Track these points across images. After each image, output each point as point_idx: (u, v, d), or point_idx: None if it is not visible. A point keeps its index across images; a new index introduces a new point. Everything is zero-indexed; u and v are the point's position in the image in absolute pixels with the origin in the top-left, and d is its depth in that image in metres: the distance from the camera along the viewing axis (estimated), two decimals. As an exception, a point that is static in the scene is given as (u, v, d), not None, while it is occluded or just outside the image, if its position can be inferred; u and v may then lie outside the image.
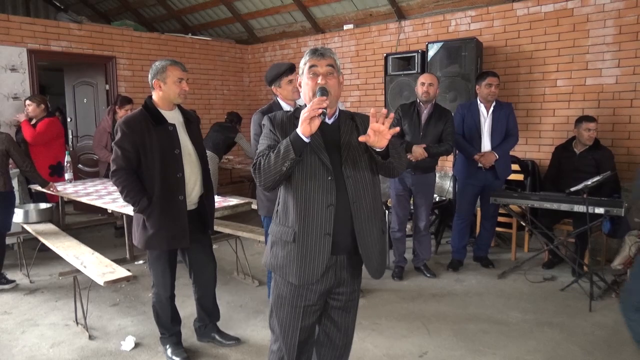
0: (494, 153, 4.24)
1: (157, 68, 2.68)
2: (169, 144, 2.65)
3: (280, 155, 1.73)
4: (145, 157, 2.62)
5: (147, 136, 2.61)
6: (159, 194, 2.64)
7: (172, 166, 2.66)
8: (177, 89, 2.68)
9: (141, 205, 2.63)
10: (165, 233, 2.67)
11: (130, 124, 2.62)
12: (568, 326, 3.27)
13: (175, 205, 2.67)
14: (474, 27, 5.44)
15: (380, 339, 3.14)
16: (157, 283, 2.83)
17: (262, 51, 7.80)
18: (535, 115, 5.12)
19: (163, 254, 2.77)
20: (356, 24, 6.59)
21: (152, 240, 2.68)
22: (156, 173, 2.63)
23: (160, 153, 2.62)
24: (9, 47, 5.61)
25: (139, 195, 2.63)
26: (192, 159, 2.76)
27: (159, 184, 2.63)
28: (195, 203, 2.83)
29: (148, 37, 6.92)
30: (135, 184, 2.63)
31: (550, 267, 4.40)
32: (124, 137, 2.60)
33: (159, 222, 2.65)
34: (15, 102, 5.65)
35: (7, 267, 4.60)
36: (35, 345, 3.12)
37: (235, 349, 3.05)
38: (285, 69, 3.15)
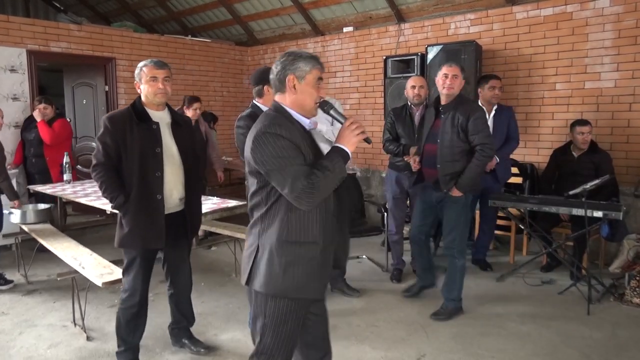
0: (494, 157, 4.24)
1: (137, 69, 2.69)
2: (150, 142, 2.62)
3: (337, 174, 1.74)
4: (126, 153, 2.60)
5: (128, 133, 2.59)
6: (136, 192, 2.61)
7: (152, 164, 2.62)
8: (150, 88, 2.64)
9: (117, 202, 2.62)
10: (140, 232, 2.62)
11: (113, 120, 2.61)
12: (566, 329, 3.27)
13: (152, 205, 2.63)
14: (473, 30, 5.46)
15: (379, 342, 3.13)
16: (128, 287, 2.72)
17: (261, 53, 7.81)
18: (534, 119, 5.13)
19: (138, 257, 2.68)
20: (356, 26, 6.59)
21: (126, 238, 2.64)
22: (135, 170, 2.60)
23: (141, 150, 2.59)
24: (8, 47, 5.60)
25: (116, 191, 2.61)
26: (174, 160, 2.71)
27: (137, 181, 2.61)
28: (178, 205, 2.76)
29: (148, 39, 6.93)
30: (113, 179, 2.62)
31: (548, 270, 4.40)
32: (105, 132, 2.59)
33: (134, 220, 2.62)
34: (15, 102, 5.64)
35: (5, 267, 4.60)
36: (32, 346, 3.11)
37: (233, 352, 3.04)
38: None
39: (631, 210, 4.36)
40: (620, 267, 4.13)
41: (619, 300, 3.71)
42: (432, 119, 3.45)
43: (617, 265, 4.19)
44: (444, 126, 3.32)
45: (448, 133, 3.31)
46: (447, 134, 3.31)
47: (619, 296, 3.75)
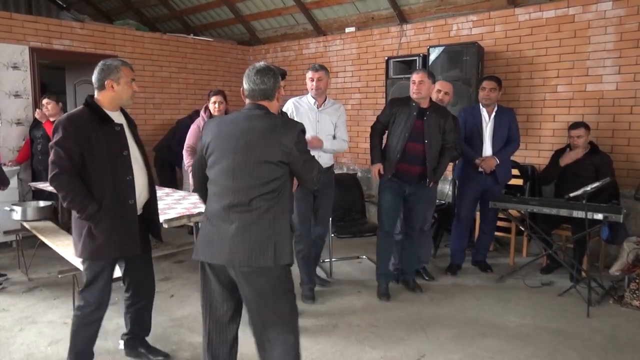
0: (494, 158, 4.25)
1: (110, 67, 2.51)
2: (117, 145, 2.51)
3: None
4: (92, 158, 2.43)
5: (93, 136, 2.42)
6: (109, 198, 2.46)
7: (122, 168, 2.51)
8: (129, 90, 2.57)
9: (89, 211, 2.42)
10: (117, 240, 2.50)
11: (75, 122, 2.42)
12: (566, 331, 3.28)
13: (126, 210, 2.53)
14: (475, 31, 5.46)
15: (378, 342, 3.14)
16: (93, 301, 2.56)
17: (263, 53, 7.82)
18: (535, 121, 5.14)
19: (107, 267, 2.56)
20: (358, 27, 6.60)
21: (101, 249, 2.47)
22: (106, 176, 2.46)
23: (109, 154, 2.47)
24: (11, 44, 5.61)
25: (87, 200, 2.41)
26: (138, 162, 2.62)
27: (110, 187, 2.47)
28: (141, 208, 2.68)
29: (150, 37, 6.93)
30: (81, 187, 2.42)
31: (548, 272, 4.41)
32: (67, 136, 2.38)
33: (109, 229, 2.47)
34: (18, 99, 5.65)
35: (5, 265, 4.61)
36: (33, 343, 3.12)
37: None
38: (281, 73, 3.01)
39: (631, 212, 4.37)
40: (620, 269, 4.13)
41: (618, 302, 3.72)
42: (412, 119, 3.68)
43: (617, 268, 4.19)
44: (429, 127, 3.67)
45: (434, 134, 3.70)
46: (434, 135, 3.70)
47: (618, 298, 3.76)
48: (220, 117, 2.34)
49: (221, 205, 2.13)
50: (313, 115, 3.76)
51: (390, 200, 3.83)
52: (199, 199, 2.42)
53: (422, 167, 3.72)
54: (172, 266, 4.68)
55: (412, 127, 3.67)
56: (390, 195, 3.83)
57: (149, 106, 6.94)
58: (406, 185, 3.80)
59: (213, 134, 2.19)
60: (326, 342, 3.14)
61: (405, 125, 3.68)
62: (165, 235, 5.29)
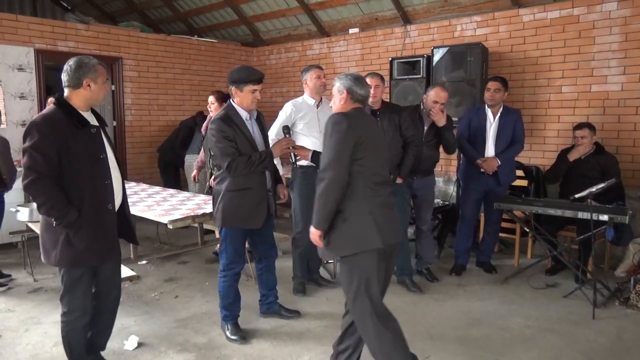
0: (496, 159, 4.24)
1: (88, 65, 2.39)
2: (94, 147, 2.41)
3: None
4: (70, 162, 2.32)
5: (70, 139, 2.31)
6: (88, 204, 2.37)
7: (100, 172, 2.42)
8: (105, 90, 2.50)
9: (69, 218, 2.32)
10: (97, 247, 2.42)
11: (51, 124, 2.30)
12: (571, 333, 3.26)
13: (105, 215, 2.45)
14: (479, 32, 5.45)
15: (383, 343, 3.13)
16: (76, 307, 2.49)
17: (267, 54, 7.83)
18: (540, 122, 5.12)
19: (86, 273, 2.48)
20: (362, 27, 6.60)
21: (81, 256, 2.39)
22: (85, 181, 2.36)
23: (88, 158, 2.37)
24: (16, 46, 5.64)
25: (66, 207, 2.31)
26: (113, 164, 2.53)
27: (89, 192, 2.37)
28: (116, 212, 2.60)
29: (154, 39, 6.96)
30: (60, 194, 2.31)
31: (553, 273, 4.39)
32: (44, 140, 2.26)
33: (89, 236, 2.38)
34: (23, 101, 5.68)
35: (11, 265, 4.63)
36: (38, 344, 3.13)
37: (238, 351, 3.05)
38: (257, 78, 3.01)
39: (637, 214, 4.34)
40: (625, 271, 4.12)
41: (624, 304, 3.70)
42: None
43: (622, 269, 4.17)
44: (382, 126, 3.78)
45: (389, 131, 3.82)
46: (389, 132, 3.82)
47: (624, 300, 3.74)
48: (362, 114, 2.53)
49: (385, 193, 2.47)
50: (313, 114, 3.85)
51: None
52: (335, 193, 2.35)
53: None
54: (176, 267, 4.69)
55: None
56: None
57: (153, 107, 6.97)
58: None
59: (366, 135, 2.43)
60: (330, 343, 3.11)
61: None
62: (169, 236, 5.34)
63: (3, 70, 5.56)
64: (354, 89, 2.48)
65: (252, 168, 2.95)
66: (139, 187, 4.89)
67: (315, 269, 4.14)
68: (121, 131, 6.72)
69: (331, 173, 2.34)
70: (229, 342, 3.15)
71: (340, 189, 2.35)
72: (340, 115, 2.42)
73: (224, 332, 3.21)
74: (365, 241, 2.36)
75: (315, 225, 2.42)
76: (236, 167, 2.94)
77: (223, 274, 3.19)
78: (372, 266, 2.38)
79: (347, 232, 2.38)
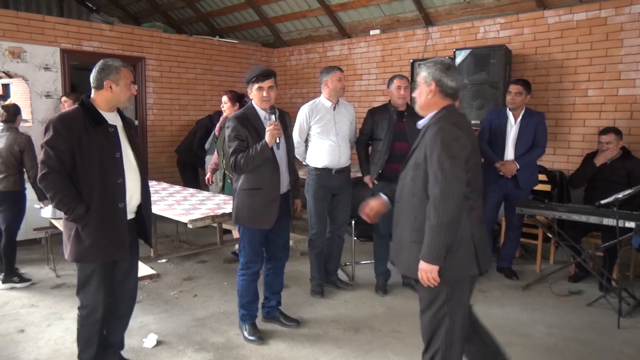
0: (515, 162, 4.18)
1: (110, 67, 2.45)
2: (109, 146, 2.45)
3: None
4: (82, 159, 2.38)
5: (84, 136, 2.37)
6: (98, 201, 2.41)
7: (113, 171, 2.45)
8: (128, 92, 2.52)
9: (77, 213, 2.37)
10: (104, 244, 2.44)
11: (67, 122, 2.37)
12: (595, 343, 3.18)
13: (115, 214, 2.46)
14: (503, 34, 5.38)
15: (401, 348, 3.10)
16: (89, 303, 2.54)
17: (287, 55, 7.84)
18: (564, 125, 5.02)
19: (97, 269, 2.50)
20: (383, 29, 6.57)
21: (88, 252, 2.43)
22: (95, 178, 2.40)
23: (100, 156, 2.41)
24: (43, 46, 5.75)
25: (75, 201, 2.37)
26: (131, 165, 2.55)
27: (99, 189, 2.41)
28: (133, 212, 2.61)
29: (177, 39, 7.03)
30: (70, 188, 2.37)
31: (576, 280, 4.30)
32: (57, 137, 2.34)
33: (96, 232, 2.41)
34: (48, 99, 5.79)
35: (35, 261, 4.72)
36: (60, 339, 3.18)
37: (256, 352, 3.05)
38: (257, 74, 3.01)
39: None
40: (652, 279, 4.01)
41: (650, 314, 3.60)
42: (393, 122, 3.86)
43: (648, 278, 4.06)
44: (409, 127, 3.74)
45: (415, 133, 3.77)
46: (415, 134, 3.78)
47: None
48: (461, 119, 2.24)
49: (480, 205, 2.20)
50: (330, 117, 3.86)
51: None
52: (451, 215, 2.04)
53: None
54: (195, 266, 4.72)
55: (395, 128, 3.84)
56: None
57: (175, 107, 7.03)
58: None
59: (470, 143, 2.13)
60: (348, 347, 3.12)
61: (388, 128, 3.86)
62: (188, 235, 5.39)
63: (30, 70, 5.68)
64: (444, 80, 2.14)
65: (253, 161, 2.95)
66: (160, 186, 4.94)
67: (333, 271, 4.13)
68: (143, 131, 6.80)
69: (451, 201, 2.01)
70: (246, 342, 3.15)
71: (459, 216, 2.05)
72: (450, 125, 2.08)
73: (241, 332, 3.22)
74: (465, 268, 2.12)
75: (429, 260, 2.05)
76: (238, 163, 2.97)
77: (241, 272, 3.19)
78: (465, 290, 2.19)
79: (456, 255, 2.09)
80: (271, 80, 3.03)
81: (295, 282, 4.19)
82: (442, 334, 2.18)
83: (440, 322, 2.18)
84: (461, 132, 2.08)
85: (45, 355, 2.99)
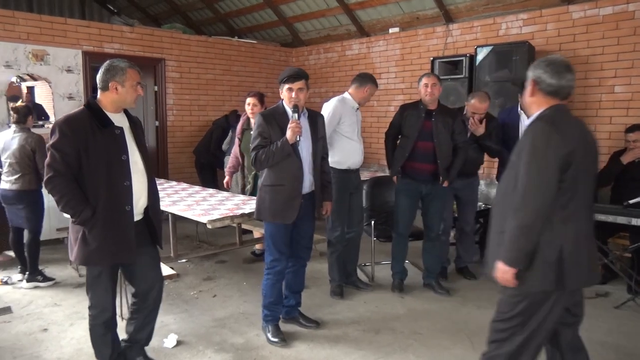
0: None
1: (116, 69, 2.42)
2: (115, 148, 2.42)
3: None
4: (88, 162, 2.35)
5: (91, 139, 2.35)
6: (104, 204, 2.38)
7: (119, 173, 2.42)
8: (134, 93, 2.47)
9: (83, 216, 2.36)
10: (110, 247, 2.41)
11: (72, 125, 2.34)
12: (624, 347, 3.09)
13: (122, 217, 2.44)
14: (525, 30, 5.27)
15: (423, 350, 3.05)
16: (97, 304, 2.55)
17: (306, 54, 7.83)
18: (590, 123, 4.88)
19: (105, 271, 2.50)
20: (402, 27, 6.50)
21: (94, 255, 2.41)
22: (101, 180, 2.38)
23: (106, 158, 2.38)
24: (65, 49, 5.84)
25: (81, 205, 2.35)
26: (138, 166, 2.52)
27: (105, 192, 2.38)
28: (141, 213, 2.58)
29: (196, 40, 7.07)
30: (76, 191, 2.36)
31: (603, 282, 4.17)
32: (63, 139, 2.32)
33: (102, 235, 2.39)
34: (70, 101, 5.87)
35: (58, 261, 4.79)
36: (82, 338, 3.20)
37: (275, 353, 3.03)
38: (287, 75, 3.04)
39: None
40: (683, 282, 3.87)
41: (682, 317, 3.48)
42: (420, 120, 3.80)
43: (679, 280, 3.93)
44: (437, 127, 3.75)
45: (442, 133, 3.77)
46: (442, 134, 3.77)
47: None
48: (571, 119, 2.04)
49: (589, 225, 2.04)
50: (354, 117, 3.85)
51: (406, 202, 3.96)
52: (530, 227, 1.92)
53: (433, 165, 3.80)
54: (214, 266, 4.74)
55: (422, 127, 3.79)
56: (406, 197, 3.95)
57: (194, 108, 7.08)
58: (422, 185, 3.88)
59: (572, 147, 1.92)
60: (368, 348, 3.08)
61: (414, 126, 3.81)
62: (208, 235, 5.41)
63: (53, 72, 5.78)
64: (543, 77, 1.99)
65: (273, 157, 2.96)
66: (179, 187, 4.96)
67: (353, 271, 4.10)
68: (163, 131, 6.86)
69: (532, 205, 1.90)
70: (268, 343, 3.13)
71: (542, 222, 1.92)
72: (542, 124, 1.94)
73: (264, 333, 3.20)
74: (543, 280, 1.97)
75: (506, 261, 1.96)
76: (258, 158, 2.99)
77: (266, 271, 3.19)
78: (549, 309, 2.01)
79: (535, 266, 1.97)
80: (301, 82, 3.04)
81: (314, 283, 4.17)
82: (506, 349, 2.06)
83: (509, 336, 2.05)
84: (560, 134, 1.89)
85: (68, 354, 3.02)
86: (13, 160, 4.08)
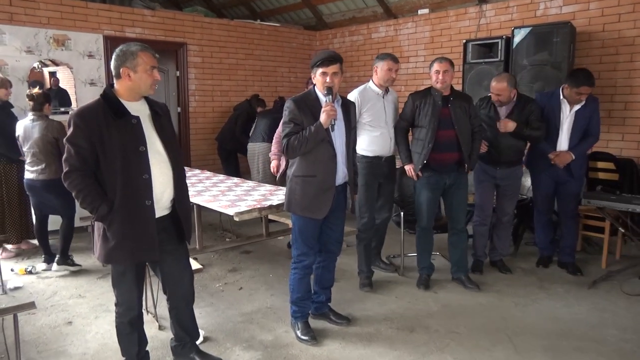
0: (570, 154, 3.84)
1: (126, 54, 2.25)
2: (131, 140, 2.26)
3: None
4: (104, 155, 2.22)
5: (105, 131, 2.20)
6: (121, 199, 2.25)
7: (137, 166, 2.27)
8: (149, 78, 2.29)
9: (100, 212, 2.25)
10: (130, 244, 2.30)
11: (85, 117, 2.21)
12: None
13: (141, 212, 2.29)
14: (565, 10, 4.97)
15: (461, 351, 2.89)
16: (122, 302, 2.47)
17: (330, 37, 7.60)
18: (635, 109, 4.61)
19: (129, 269, 2.40)
20: (432, 8, 6.23)
21: (114, 253, 2.30)
22: (117, 174, 2.24)
23: (122, 151, 2.23)
24: (87, 34, 5.74)
25: (97, 200, 2.24)
26: (161, 157, 2.35)
27: (121, 187, 2.25)
28: (167, 208, 2.43)
29: (218, 24, 6.90)
30: (93, 187, 2.24)
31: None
32: (77, 133, 2.20)
33: (121, 232, 2.27)
34: (92, 88, 5.78)
35: (82, 250, 4.74)
36: (107, 333, 3.13)
37: (305, 352, 2.91)
38: (320, 59, 2.83)
39: None
40: None
41: None
42: (438, 108, 3.58)
43: None
44: (455, 114, 3.57)
45: (462, 118, 3.61)
46: (462, 120, 3.60)
47: None
48: None
49: None
50: (380, 104, 3.68)
51: (428, 196, 3.76)
52: None
53: (458, 153, 3.62)
54: (239, 257, 4.63)
55: (440, 115, 3.58)
56: (428, 190, 3.75)
57: (216, 93, 6.94)
58: (445, 176, 3.70)
59: None
60: (403, 348, 2.93)
61: (432, 115, 3.57)
62: (231, 224, 5.29)
63: (74, 57, 5.68)
64: None
65: (306, 143, 2.78)
66: (203, 175, 4.84)
67: (377, 254, 4.13)
68: (185, 117, 6.75)
69: None
70: (297, 341, 3.01)
71: None
72: None
73: (294, 330, 3.08)
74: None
75: None
76: (290, 145, 2.81)
77: (293, 265, 3.05)
78: None
79: None
80: (336, 65, 2.83)
81: (342, 276, 4.02)
82: None
83: None
84: None
85: (93, 349, 2.95)
86: (36, 150, 4.00)
